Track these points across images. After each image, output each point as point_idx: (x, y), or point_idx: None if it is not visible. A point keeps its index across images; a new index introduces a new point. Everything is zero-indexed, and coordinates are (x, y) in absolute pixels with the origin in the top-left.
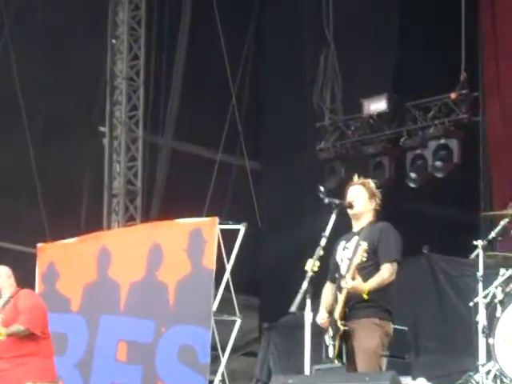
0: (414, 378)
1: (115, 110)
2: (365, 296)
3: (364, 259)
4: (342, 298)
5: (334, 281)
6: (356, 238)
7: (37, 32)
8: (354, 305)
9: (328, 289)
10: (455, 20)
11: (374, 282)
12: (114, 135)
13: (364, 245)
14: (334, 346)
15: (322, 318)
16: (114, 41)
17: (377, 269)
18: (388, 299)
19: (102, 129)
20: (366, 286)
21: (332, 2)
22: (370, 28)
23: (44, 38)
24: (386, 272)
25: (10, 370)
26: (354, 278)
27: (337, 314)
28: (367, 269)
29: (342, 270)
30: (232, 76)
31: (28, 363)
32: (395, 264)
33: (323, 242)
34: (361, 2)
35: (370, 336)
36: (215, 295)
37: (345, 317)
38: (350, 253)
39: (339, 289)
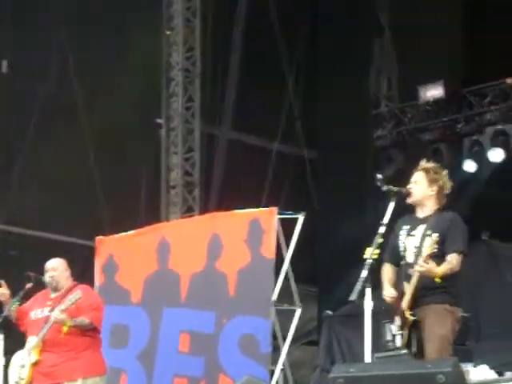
0: (475, 365)
1: (172, 102)
2: (437, 280)
3: (435, 250)
4: (411, 286)
5: (395, 264)
6: (422, 226)
7: (91, 24)
8: (424, 292)
9: (389, 268)
10: (510, 5)
11: (446, 267)
12: (170, 127)
13: (435, 236)
14: (401, 335)
15: (391, 293)
16: (168, 32)
17: (443, 258)
18: (457, 286)
19: (158, 120)
20: (439, 270)
21: None
22: (426, 13)
23: (98, 31)
24: (455, 261)
25: (60, 364)
26: (426, 263)
27: (405, 303)
28: (435, 258)
29: (409, 258)
30: (288, 65)
31: (79, 358)
32: (462, 255)
33: (382, 229)
34: None
35: (441, 322)
36: (275, 285)
37: (413, 306)
38: (416, 241)
39: (406, 277)
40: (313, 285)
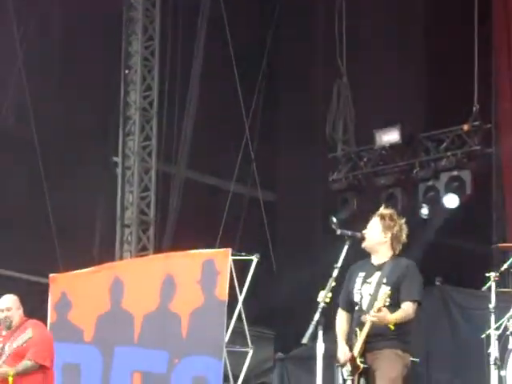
0: None
1: (128, 141)
2: (391, 327)
3: (387, 304)
4: (363, 334)
5: (348, 310)
6: (378, 273)
7: (50, 62)
8: (377, 337)
9: (342, 317)
10: (469, 52)
11: (399, 315)
12: (126, 165)
13: (387, 290)
14: (352, 380)
15: (345, 353)
16: (127, 71)
17: (398, 307)
18: (408, 332)
19: (115, 159)
20: (392, 317)
21: (345, 33)
22: (382, 60)
23: (57, 67)
24: (410, 310)
25: None
26: (379, 311)
27: (356, 350)
28: (390, 307)
29: (363, 306)
30: (245, 105)
31: None
32: (417, 304)
33: (335, 273)
34: (374, 33)
35: (391, 366)
36: (228, 326)
37: (364, 351)
38: (371, 288)
39: (359, 324)
40: (269, 327)
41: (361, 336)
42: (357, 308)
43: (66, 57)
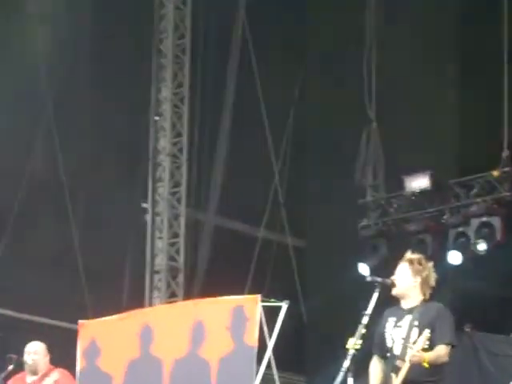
0: None
1: (158, 187)
2: (425, 364)
3: (426, 346)
4: (400, 378)
5: (382, 356)
6: (409, 316)
7: (79, 108)
8: (411, 383)
9: (376, 364)
10: (498, 97)
11: (433, 354)
12: (156, 211)
13: (427, 332)
14: None
15: None
16: (157, 118)
17: (432, 349)
18: (443, 379)
19: (144, 205)
20: (426, 356)
21: (375, 78)
22: (411, 104)
23: (87, 114)
24: (443, 352)
25: None
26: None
27: None
28: (426, 350)
29: (396, 350)
30: (275, 152)
31: None
32: (449, 347)
33: (365, 320)
34: (402, 75)
35: None
36: (257, 373)
37: None
38: (403, 332)
39: (394, 370)
40: (300, 374)
41: (397, 380)
42: (389, 353)
43: (94, 99)
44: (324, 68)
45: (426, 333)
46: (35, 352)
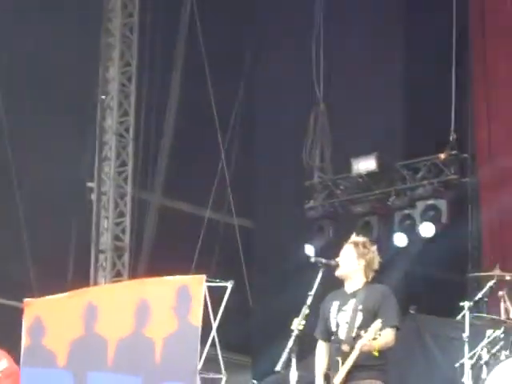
0: None
1: (104, 166)
2: (375, 353)
3: (377, 337)
4: (347, 364)
5: (326, 339)
6: (353, 300)
7: (26, 86)
8: (359, 368)
9: (321, 348)
10: (446, 81)
11: (382, 342)
12: (102, 191)
13: (378, 323)
14: None
15: None
16: (103, 97)
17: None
18: (387, 363)
19: (90, 184)
20: (375, 344)
21: (323, 60)
22: (360, 87)
23: (33, 93)
24: (390, 336)
25: None
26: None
27: (338, 380)
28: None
29: (340, 334)
30: (222, 133)
31: None
32: (395, 330)
33: (309, 300)
34: (351, 60)
35: None
36: (201, 353)
37: (346, 381)
38: (347, 316)
39: (340, 354)
40: (245, 354)
41: (344, 366)
42: (334, 337)
43: (44, 76)
44: (273, 44)
45: (378, 323)
46: None
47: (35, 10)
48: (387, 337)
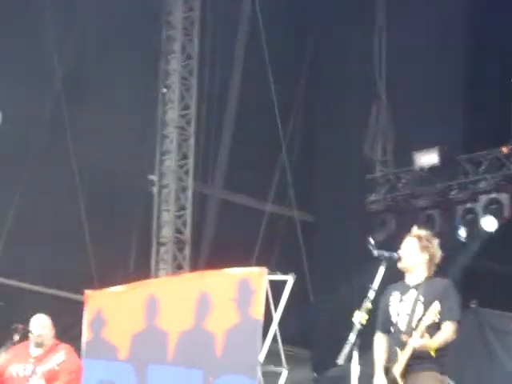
0: None
1: (165, 159)
2: (432, 353)
3: (436, 320)
4: (405, 355)
5: (386, 331)
6: (413, 291)
7: (88, 79)
8: (416, 360)
9: (381, 340)
10: (508, 74)
11: (441, 339)
12: (163, 184)
13: (437, 305)
14: None
15: (381, 382)
16: (165, 90)
17: (438, 326)
18: (447, 354)
19: (151, 177)
20: (433, 344)
21: (385, 53)
22: (422, 81)
23: (95, 88)
24: (450, 331)
25: None
26: (422, 337)
27: (397, 371)
28: (429, 328)
29: (401, 325)
30: (283, 127)
31: None
32: (456, 323)
33: (371, 294)
34: (413, 54)
35: None
36: (262, 346)
37: (404, 373)
38: (408, 307)
39: (399, 344)
40: (305, 347)
41: (402, 357)
42: (394, 328)
43: (104, 71)
44: (335, 42)
45: (437, 305)
46: (43, 326)
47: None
48: (447, 332)
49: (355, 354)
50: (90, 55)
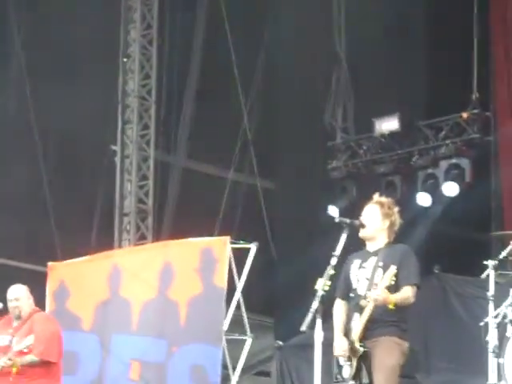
0: None
1: (127, 129)
2: (391, 307)
3: (393, 283)
4: (364, 318)
5: (345, 298)
6: (373, 258)
7: (49, 51)
8: (375, 324)
9: (340, 307)
10: (468, 41)
11: (400, 296)
12: (125, 154)
13: (393, 268)
14: (350, 366)
15: (343, 348)
16: (125, 60)
17: (397, 290)
18: (405, 319)
19: (113, 147)
20: (392, 298)
21: (344, 19)
22: (382, 47)
23: (57, 59)
24: (409, 293)
25: None
26: (384, 293)
27: (356, 335)
28: (389, 289)
29: (360, 290)
30: (244, 94)
31: None
32: (415, 288)
33: (334, 261)
34: (374, 19)
35: (389, 354)
36: (226, 314)
37: (363, 338)
38: (368, 273)
39: (357, 309)
40: (268, 315)
41: (361, 320)
42: (354, 293)
43: (65, 41)
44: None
45: (393, 269)
46: (16, 299)
47: None
48: (406, 293)
49: (318, 321)
50: (51, 26)
